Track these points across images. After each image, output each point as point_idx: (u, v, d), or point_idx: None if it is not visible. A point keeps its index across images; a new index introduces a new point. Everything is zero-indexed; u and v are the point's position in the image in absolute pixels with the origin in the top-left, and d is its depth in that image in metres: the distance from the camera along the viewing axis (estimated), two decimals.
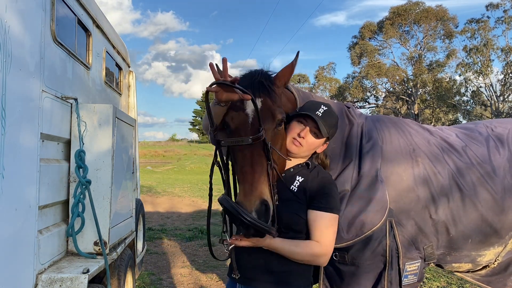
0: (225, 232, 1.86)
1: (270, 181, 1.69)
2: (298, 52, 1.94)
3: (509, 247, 2.56)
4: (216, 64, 1.78)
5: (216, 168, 1.84)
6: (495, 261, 2.60)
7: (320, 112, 1.91)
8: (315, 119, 1.88)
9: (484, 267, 2.64)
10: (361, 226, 2.10)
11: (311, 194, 1.84)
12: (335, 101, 2.37)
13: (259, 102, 1.76)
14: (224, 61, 1.65)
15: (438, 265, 2.55)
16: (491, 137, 2.67)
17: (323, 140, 1.95)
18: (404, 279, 2.18)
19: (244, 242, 1.73)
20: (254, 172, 1.65)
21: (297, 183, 1.88)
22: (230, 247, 1.78)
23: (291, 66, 1.92)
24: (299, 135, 1.89)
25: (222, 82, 1.61)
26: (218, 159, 1.82)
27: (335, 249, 2.18)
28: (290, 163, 1.95)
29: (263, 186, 1.65)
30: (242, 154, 1.71)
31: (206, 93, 1.69)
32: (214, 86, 1.64)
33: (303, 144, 1.89)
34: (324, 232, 1.80)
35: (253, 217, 1.57)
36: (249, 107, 1.72)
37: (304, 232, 1.84)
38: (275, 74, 1.93)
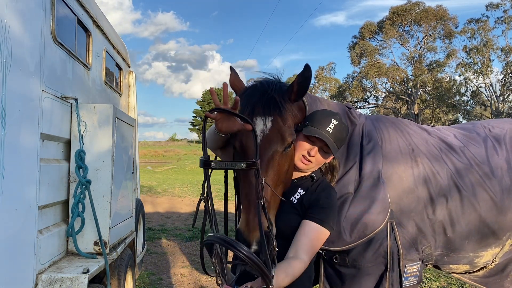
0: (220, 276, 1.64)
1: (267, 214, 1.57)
2: (306, 66, 1.76)
3: (506, 248, 2.55)
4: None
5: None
6: (492, 262, 2.59)
7: (330, 128, 1.82)
8: (325, 139, 1.80)
9: (481, 268, 2.63)
10: (363, 228, 2.08)
11: (307, 206, 1.80)
12: (336, 101, 2.35)
13: (269, 122, 1.69)
14: (224, 86, 1.56)
15: (436, 266, 2.55)
16: (489, 138, 2.67)
17: (331, 155, 1.91)
18: (405, 281, 2.17)
19: None
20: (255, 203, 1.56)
21: (297, 195, 1.84)
22: None
23: (305, 81, 1.77)
24: (309, 153, 1.83)
25: (222, 109, 1.52)
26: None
27: (336, 252, 2.17)
28: (295, 175, 1.91)
29: (263, 218, 1.55)
30: (245, 182, 1.66)
31: (204, 118, 1.61)
32: (214, 112, 1.55)
33: (312, 161, 1.85)
34: (311, 244, 1.71)
35: (250, 252, 1.45)
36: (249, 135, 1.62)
37: None
38: (288, 86, 1.82)
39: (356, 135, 2.28)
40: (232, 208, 1.88)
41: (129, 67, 5.28)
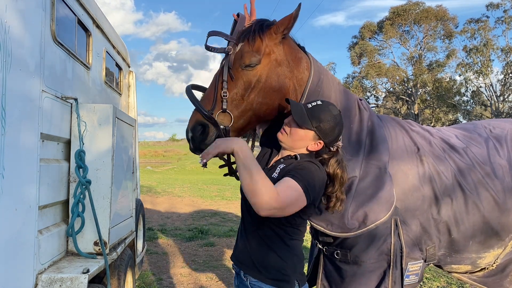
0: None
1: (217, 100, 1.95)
2: (299, 4, 1.99)
3: (508, 249, 2.55)
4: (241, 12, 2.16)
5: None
6: (494, 263, 2.59)
7: (311, 104, 1.88)
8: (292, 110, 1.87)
9: (482, 268, 2.63)
10: (363, 218, 2.06)
11: (285, 172, 1.80)
12: (349, 92, 2.35)
13: (238, 46, 1.98)
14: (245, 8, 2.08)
15: (437, 266, 2.55)
16: (490, 138, 2.67)
17: (308, 132, 1.85)
18: (406, 279, 2.16)
19: (212, 150, 1.72)
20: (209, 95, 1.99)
21: (278, 169, 1.86)
22: (203, 162, 1.77)
23: (290, 15, 1.97)
24: (285, 123, 1.92)
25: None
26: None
27: (337, 247, 2.16)
28: (283, 154, 1.95)
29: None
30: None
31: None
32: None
33: (287, 131, 1.89)
34: (285, 190, 1.64)
35: (199, 103, 1.93)
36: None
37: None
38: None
39: (364, 124, 2.26)
40: (232, 209, 1.91)
41: (129, 67, 5.27)
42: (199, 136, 1.94)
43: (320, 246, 2.29)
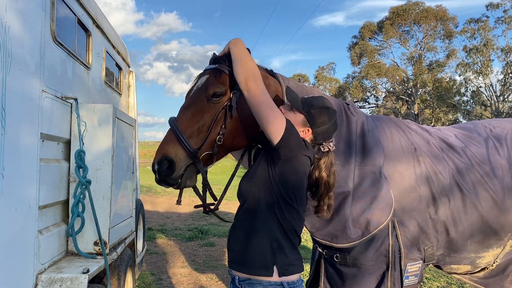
0: None
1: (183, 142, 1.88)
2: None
3: (507, 248, 2.55)
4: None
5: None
6: (494, 263, 2.58)
7: (307, 95, 1.96)
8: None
9: (482, 269, 2.63)
10: (366, 225, 2.06)
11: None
12: (334, 98, 2.35)
13: (203, 79, 2.00)
14: None
15: (437, 266, 2.54)
16: (490, 138, 2.66)
17: (298, 115, 1.84)
18: (405, 280, 2.16)
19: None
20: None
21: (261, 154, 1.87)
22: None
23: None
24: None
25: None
26: None
27: (336, 250, 2.16)
28: None
29: (172, 145, 1.92)
30: None
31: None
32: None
33: None
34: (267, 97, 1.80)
35: (185, 138, 1.89)
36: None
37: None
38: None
39: (353, 130, 2.24)
40: (232, 209, 1.90)
41: (129, 67, 5.27)
42: (165, 170, 1.88)
43: (320, 250, 2.29)
